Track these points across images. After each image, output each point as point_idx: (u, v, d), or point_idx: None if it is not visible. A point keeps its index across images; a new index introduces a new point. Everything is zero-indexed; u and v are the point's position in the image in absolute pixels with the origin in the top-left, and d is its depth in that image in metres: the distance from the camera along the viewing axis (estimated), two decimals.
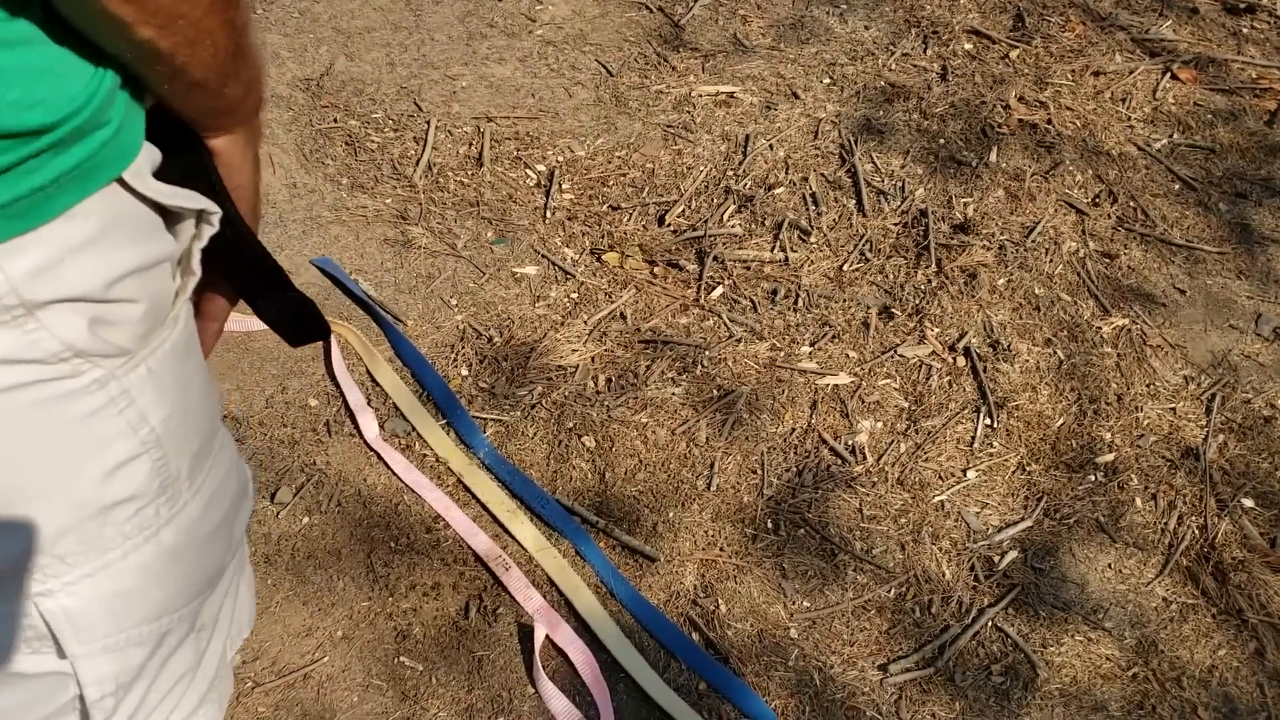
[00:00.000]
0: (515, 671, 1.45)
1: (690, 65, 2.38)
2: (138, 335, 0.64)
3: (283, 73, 2.26)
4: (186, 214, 0.67)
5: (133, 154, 0.60)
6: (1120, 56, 2.43)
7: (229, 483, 0.80)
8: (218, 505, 0.78)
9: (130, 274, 0.62)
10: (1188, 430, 1.78)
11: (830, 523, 1.63)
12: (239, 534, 0.84)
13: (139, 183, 0.61)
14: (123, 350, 0.63)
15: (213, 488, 0.76)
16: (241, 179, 0.71)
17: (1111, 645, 1.54)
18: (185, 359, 0.70)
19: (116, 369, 0.63)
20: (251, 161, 0.72)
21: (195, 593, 0.79)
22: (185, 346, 0.70)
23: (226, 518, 0.80)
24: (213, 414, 0.76)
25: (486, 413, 1.72)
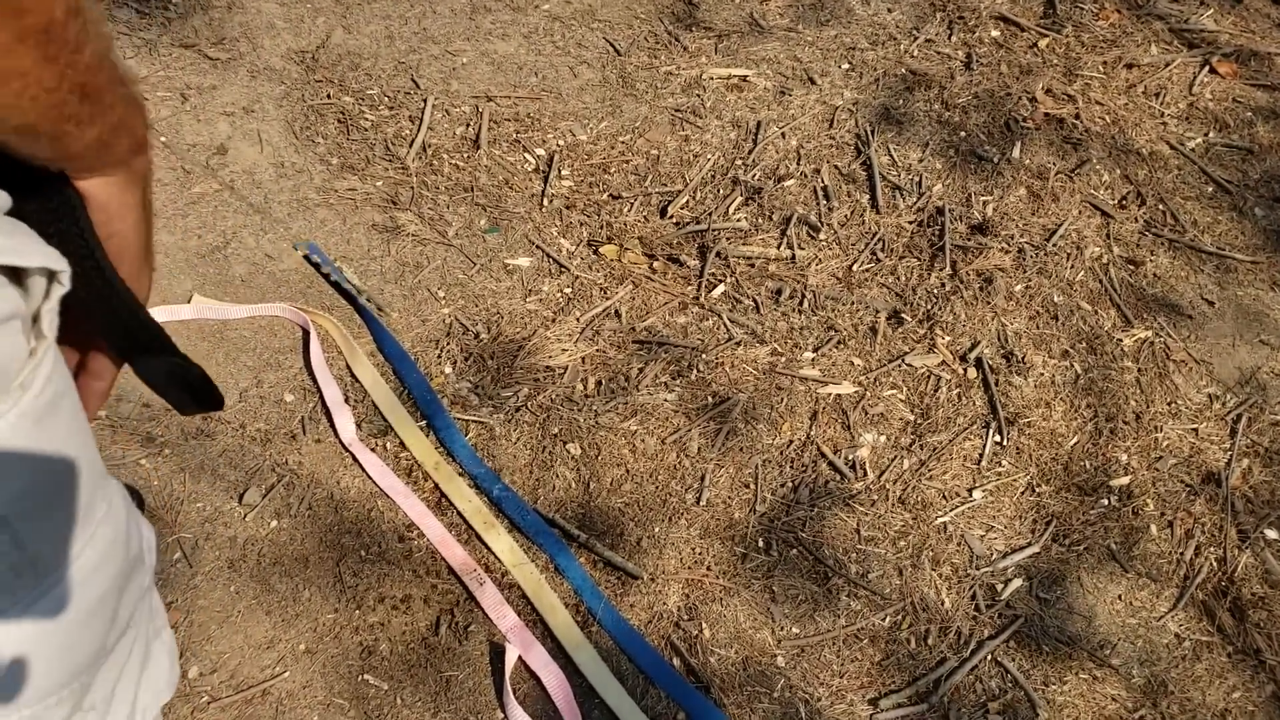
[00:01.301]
0: (484, 694, 1.38)
1: (703, 45, 2.27)
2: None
3: (277, 44, 2.17)
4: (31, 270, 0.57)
5: None
6: (1156, 48, 2.30)
7: (113, 555, 0.71)
8: (96, 583, 0.69)
9: None
10: (1210, 453, 1.68)
11: (825, 543, 1.54)
12: (128, 608, 0.75)
13: None
14: None
15: (89, 564, 0.68)
16: (120, 226, 0.62)
17: (1118, 684, 1.45)
18: (44, 427, 0.62)
19: None
20: (133, 207, 0.63)
21: (66, 679, 0.70)
22: (43, 413, 0.61)
23: (107, 595, 0.71)
24: (89, 481, 0.68)
25: (468, 414, 1.64)
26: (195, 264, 1.79)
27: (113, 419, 1.58)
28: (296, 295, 1.77)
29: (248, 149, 1.98)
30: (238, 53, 2.14)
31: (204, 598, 1.43)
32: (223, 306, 1.73)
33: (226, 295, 1.75)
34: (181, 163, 1.93)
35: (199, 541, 1.48)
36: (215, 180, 1.92)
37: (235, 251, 1.82)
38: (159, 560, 1.45)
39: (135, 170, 0.61)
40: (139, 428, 1.57)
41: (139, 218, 0.64)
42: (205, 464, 1.55)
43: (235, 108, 2.04)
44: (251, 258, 1.81)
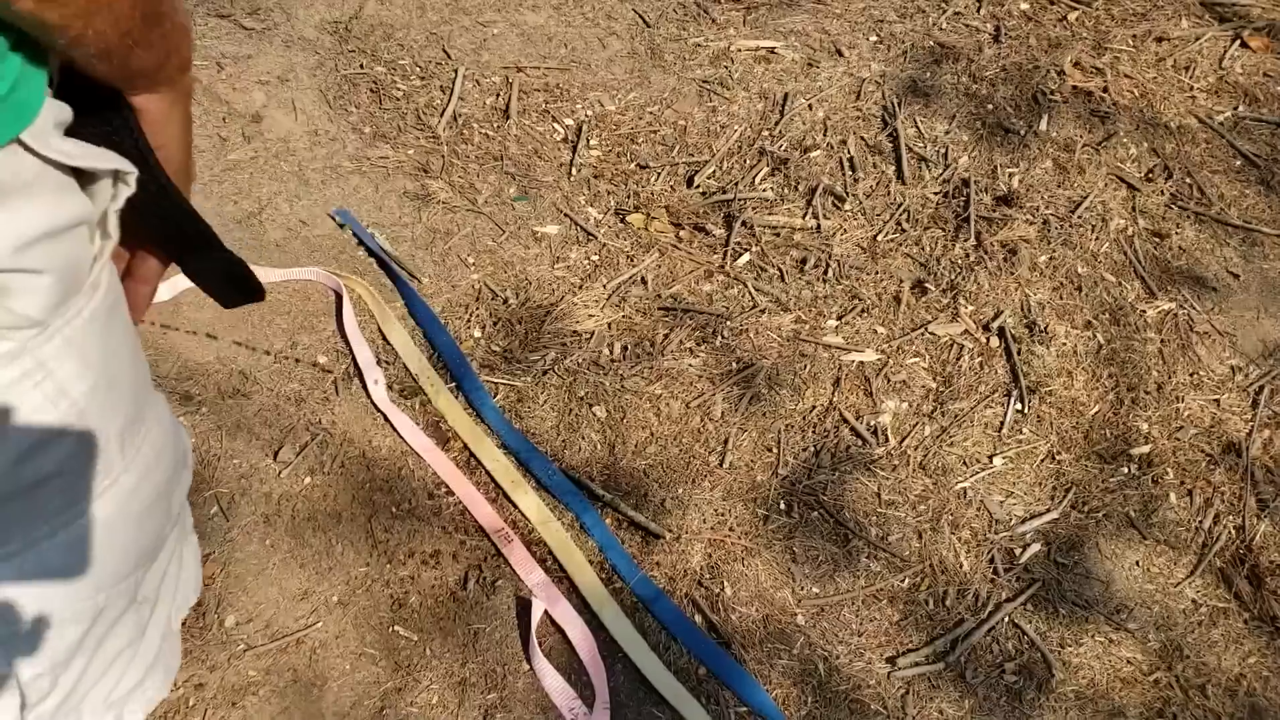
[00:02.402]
0: (511, 647, 1.41)
1: (731, 17, 2.29)
2: (50, 304, 0.61)
3: (311, 14, 2.20)
4: (101, 174, 0.63)
5: (30, 115, 0.56)
6: (1187, 21, 2.30)
7: (165, 453, 0.77)
8: (153, 477, 0.75)
9: (37, 240, 0.58)
10: (1231, 424, 1.69)
11: (846, 506, 1.57)
12: (178, 504, 0.82)
13: (40, 144, 0.57)
14: (34, 321, 0.60)
15: (147, 459, 0.74)
16: (167, 138, 0.68)
17: (1134, 648, 1.47)
18: (108, 326, 0.67)
19: (29, 340, 0.61)
20: (179, 120, 0.69)
21: (132, 567, 0.77)
22: (108, 313, 0.67)
23: (163, 489, 0.77)
24: (142, 382, 0.74)
25: (497, 377, 1.67)
26: (231, 229, 1.83)
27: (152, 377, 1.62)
28: (330, 260, 1.81)
29: (282, 117, 2.01)
30: (272, 22, 2.17)
31: (240, 551, 1.47)
32: (258, 270, 1.76)
33: (262, 259, 1.79)
34: (218, 130, 1.97)
35: (235, 497, 1.52)
36: (250, 148, 1.95)
37: (270, 217, 1.85)
38: (196, 513, 1.49)
39: (181, 88, 0.67)
40: (177, 386, 1.62)
41: (183, 130, 0.70)
42: (241, 422, 1.59)
43: (270, 77, 2.08)
44: (286, 223, 1.85)
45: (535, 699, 1.37)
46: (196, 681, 1.35)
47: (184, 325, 1.68)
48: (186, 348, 1.66)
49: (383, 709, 1.35)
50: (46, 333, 0.61)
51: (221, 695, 1.35)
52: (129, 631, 0.81)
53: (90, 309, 0.65)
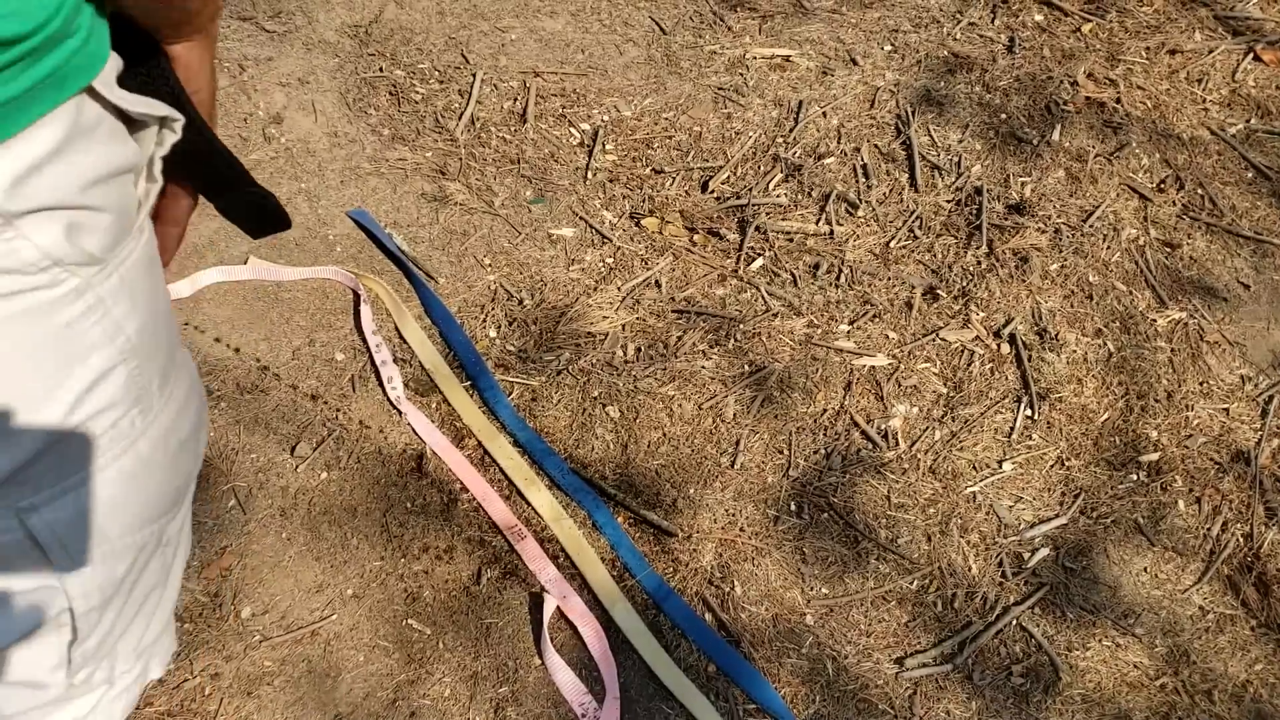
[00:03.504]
0: (523, 641, 1.43)
1: (747, 25, 2.31)
2: (108, 243, 0.65)
3: (331, 18, 2.23)
4: (150, 121, 0.67)
5: (101, 62, 0.60)
6: (1200, 34, 2.31)
7: (192, 397, 0.81)
8: (185, 417, 0.79)
9: (100, 180, 0.62)
10: (1240, 433, 1.70)
11: (856, 509, 1.58)
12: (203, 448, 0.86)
13: (108, 91, 0.61)
14: (96, 259, 0.64)
15: (180, 400, 0.78)
16: (199, 83, 0.73)
17: (1141, 652, 1.48)
18: (151, 269, 0.71)
19: (92, 278, 0.64)
20: (209, 66, 0.73)
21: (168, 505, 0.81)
22: (151, 257, 0.71)
23: (192, 431, 0.81)
24: (174, 327, 0.78)
25: (512, 376, 1.69)
26: None
27: None
28: (348, 259, 1.83)
29: (302, 119, 2.04)
30: (293, 26, 2.20)
31: (257, 543, 1.49)
32: (277, 268, 1.79)
33: (281, 258, 1.82)
34: (239, 131, 2.00)
35: (252, 490, 1.54)
36: (271, 148, 1.98)
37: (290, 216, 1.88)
38: (214, 506, 1.52)
39: (210, 35, 0.72)
40: None
41: (211, 76, 0.75)
42: (259, 417, 1.61)
43: (291, 79, 2.10)
44: (305, 223, 1.87)
45: (546, 693, 1.39)
46: (213, 671, 1.37)
47: (204, 322, 1.71)
48: (206, 343, 1.68)
49: (395, 701, 1.37)
50: (105, 270, 0.65)
51: (237, 685, 1.37)
52: (156, 575, 0.85)
53: (138, 251, 0.69)
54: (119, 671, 0.88)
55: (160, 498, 0.79)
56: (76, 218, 0.61)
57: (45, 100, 0.57)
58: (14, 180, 0.57)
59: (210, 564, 1.46)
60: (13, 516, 0.69)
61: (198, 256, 1.79)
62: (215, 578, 1.46)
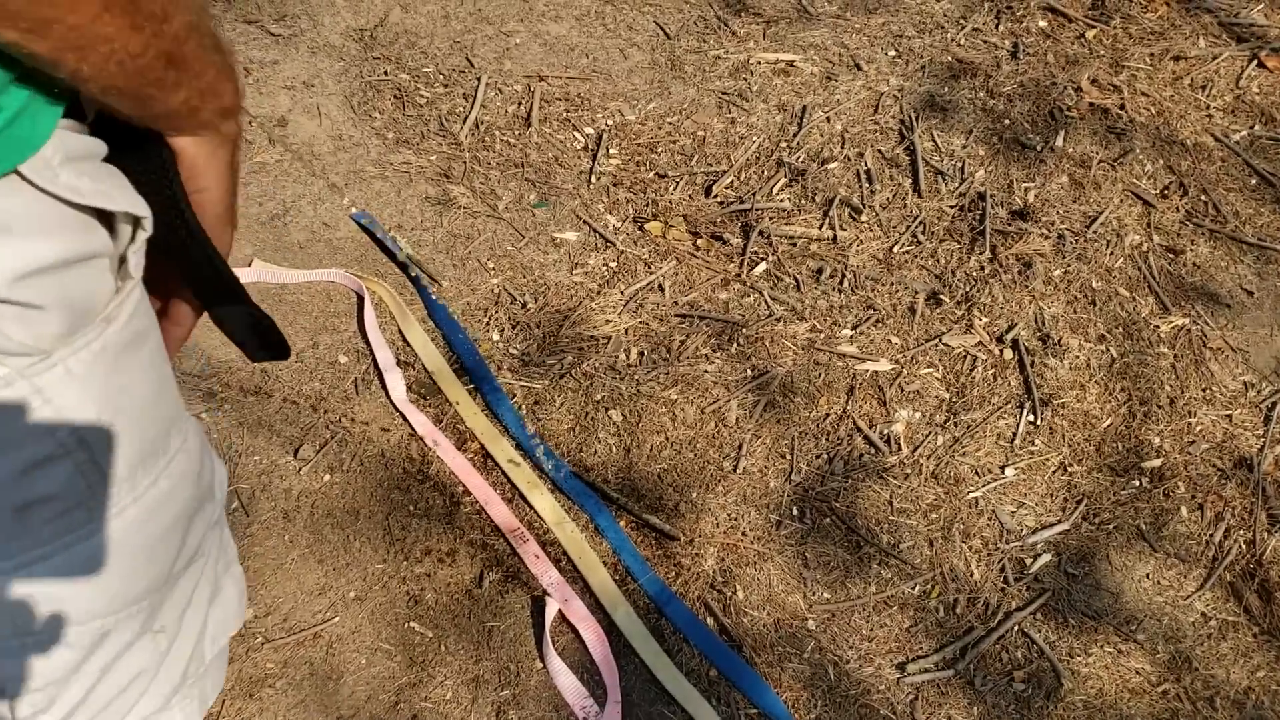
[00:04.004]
0: (525, 645, 1.43)
1: (751, 30, 2.31)
2: (53, 335, 0.60)
3: (337, 21, 2.23)
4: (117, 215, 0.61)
5: (30, 149, 0.54)
6: (1204, 41, 2.31)
7: (183, 487, 0.75)
8: (167, 510, 0.73)
9: (36, 273, 0.57)
10: (1243, 439, 1.70)
11: (858, 514, 1.58)
12: (197, 537, 0.80)
13: (44, 178, 0.55)
14: (34, 349, 0.59)
15: (161, 493, 0.72)
16: (206, 183, 0.66)
17: (1143, 659, 1.48)
18: (122, 361, 0.65)
19: (25, 368, 0.59)
20: (219, 167, 0.67)
21: (136, 597, 0.75)
22: (124, 347, 0.65)
23: (176, 522, 0.75)
24: (167, 413, 0.72)
25: (515, 380, 1.69)
26: (256, 230, 1.86)
27: (176, 374, 1.65)
28: (351, 262, 1.83)
29: (307, 122, 2.04)
30: (299, 29, 2.21)
31: (259, 545, 1.50)
32: (281, 271, 1.79)
33: (285, 261, 1.82)
34: (244, 134, 2.00)
35: (255, 493, 1.55)
36: (276, 151, 1.98)
37: (294, 219, 1.88)
38: None
39: (224, 133, 0.65)
40: (200, 384, 1.64)
41: (225, 177, 0.68)
42: (262, 420, 1.62)
43: (296, 82, 2.11)
44: (309, 225, 1.88)
45: (548, 697, 1.39)
46: None
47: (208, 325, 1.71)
48: (211, 345, 1.68)
49: (397, 703, 1.37)
50: (47, 361, 0.60)
51: (239, 687, 1.37)
52: (142, 660, 0.79)
53: (102, 342, 0.63)
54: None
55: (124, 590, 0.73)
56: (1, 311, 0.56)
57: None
58: None
59: None
60: None
61: None
62: None
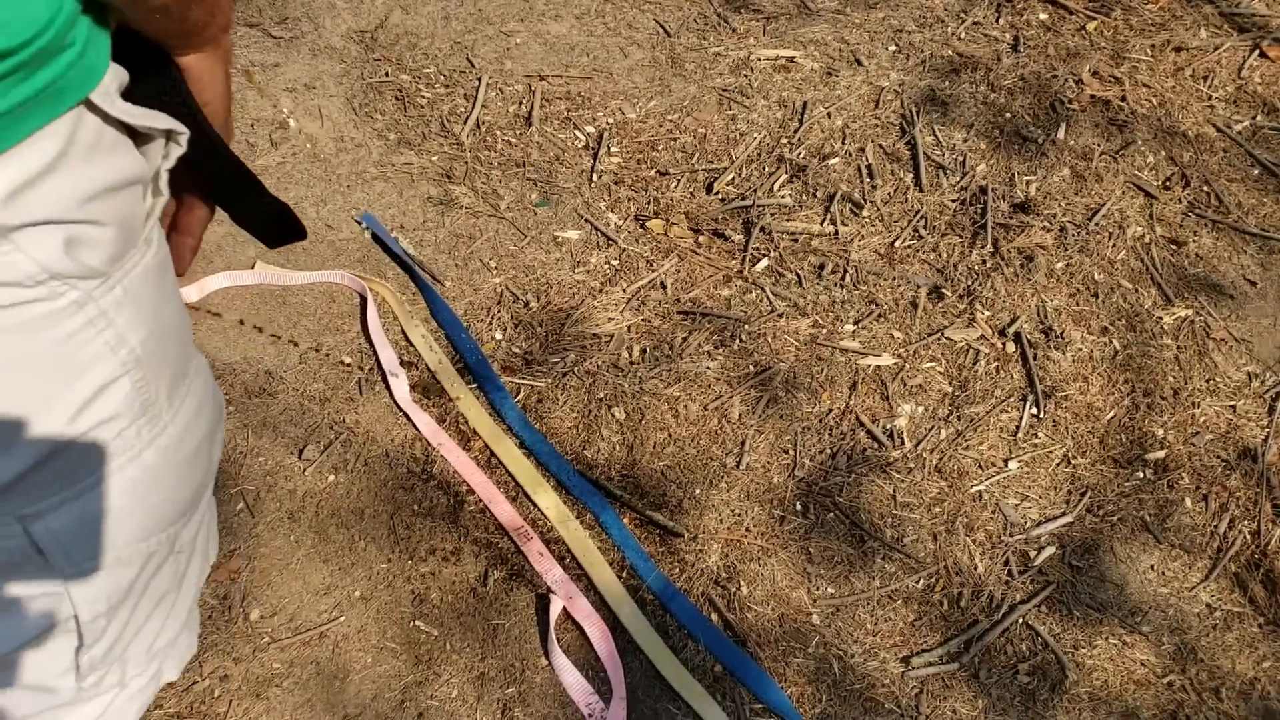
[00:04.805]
0: (530, 642, 1.44)
1: (751, 27, 2.31)
2: (111, 256, 0.65)
3: (337, 24, 2.24)
4: (155, 134, 0.67)
5: (99, 76, 0.60)
6: (1205, 31, 2.31)
7: (205, 407, 0.81)
8: (196, 428, 0.79)
9: (100, 195, 0.62)
10: (1247, 430, 1.69)
11: (861, 508, 1.58)
12: (216, 458, 0.86)
13: (106, 104, 0.61)
14: (97, 272, 0.64)
15: (191, 410, 0.78)
16: (212, 95, 0.72)
17: (1148, 650, 1.48)
18: (160, 281, 0.71)
19: (93, 290, 0.64)
20: (221, 78, 0.73)
21: (178, 514, 0.81)
22: (159, 268, 0.71)
23: (205, 440, 0.81)
24: (187, 337, 0.78)
25: (518, 378, 1.70)
26: None
27: None
28: (355, 263, 1.84)
29: (309, 124, 2.05)
30: (300, 31, 2.21)
31: (265, 546, 1.50)
32: (285, 273, 1.80)
33: (288, 262, 1.83)
34: (246, 136, 2.01)
35: (260, 493, 1.55)
36: (278, 153, 1.99)
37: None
38: (222, 509, 1.53)
39: (223, 47, 0.72)
40: None
41: (225, 88, 0.74)
42: (267, 421, 1.62)
43: (297, 84, 2.11)
44: (312, 227, 1.88)
45: (553, 694, 1.39)
46: (222, 673, 1.38)
47: (212, 326, 1.72)
48: (214, 347, 1.69)
49: (403, 702, 1.38)
50: (108, 283, 0.65)
51: (246, 687, 1.37)
52: (168, 581, 0.85)
53: (144, 263, 0.68)
54: (130, 675, 0.89)
55: (169, 507, 0.80)
56: (75, 232, 0.61)
57: (40, 114, 0.57)
58: (9, 194, 0.57)
59: (219, 567, 1.47)
60: (16, 523, 0.69)
61: (205, 262, 1.80)
62: (224, 580, 1.46)
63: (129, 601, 0.81)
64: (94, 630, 0.79)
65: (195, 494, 0.83)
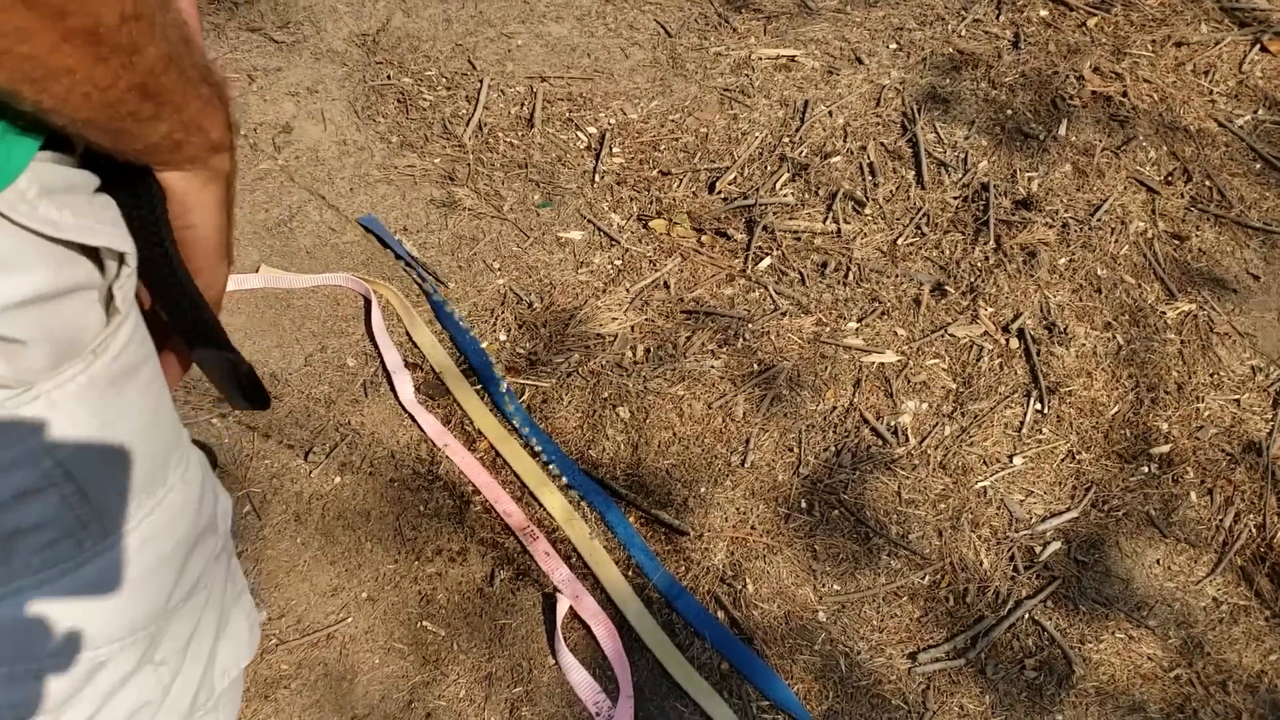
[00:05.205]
0: (536, 642, 1.44)
1: (752, 27, 2.32)
2: (34, 369, 0.58)
3: (339, 27, 2.25)
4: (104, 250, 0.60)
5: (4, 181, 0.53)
6: (1206, 26, 2.31)
7: (180, 520, 0.73)
8: (162, 543, 0.71)
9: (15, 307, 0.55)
10: (1251, 424, 1.70)
11: (866, 505, 1.59)
12: (195, 570, 0.78)
13: (19, 213, 0.54)
14: (16, 382, 0.58)
15: (156, 525, 0.70)
16: (196, 220, 0.64)
17: (1154, 644, 1.48)
18: (111, 393, 0.63)
19: (5, 400, 0.58)
20: (211, 202, 0.64)
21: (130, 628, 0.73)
22: (113, 380, 0.63)
23: (173, 554, 0.73)
24: (160, 449, 0.70)
25: (522, 379, 1.70)
26: (262, 236, 1.87)
27: (186, 380, 1.66)
28: (358, 266, 1.84)
29: (312, 127, 2.06)
30: (301, 36, 2.22)
31: (272, 548, 1.51)
32: (288, 276, 1.80)
33: (292, 266, 1.83)
34: (249, 140, 2.01)
35: (267, 496, 1.56)
36: (281, 157, 2.00)
37: (300, 224, 1.90)
38: None
39: (214, 168, 0.63)
40: (210, 389, 1.65)
41: (217, 213, 0.65)
42: (273, 423, 1.63)
43: (300, 88, 2.12)
44: (315, 230, 1.89)
45: (560, 693, 1.40)
46: None
47: None
48: None
49: (411, 702, 1.38)
50: (28, 394, 0.59)
51: (254, 688, 1.38)
52: (147, 691, 0.78)
53: (89, 375, 0.61)
54: None
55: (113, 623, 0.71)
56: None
57: None
58: None
59: None
60: None
61: None
62: None
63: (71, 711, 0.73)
64: None
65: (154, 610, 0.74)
